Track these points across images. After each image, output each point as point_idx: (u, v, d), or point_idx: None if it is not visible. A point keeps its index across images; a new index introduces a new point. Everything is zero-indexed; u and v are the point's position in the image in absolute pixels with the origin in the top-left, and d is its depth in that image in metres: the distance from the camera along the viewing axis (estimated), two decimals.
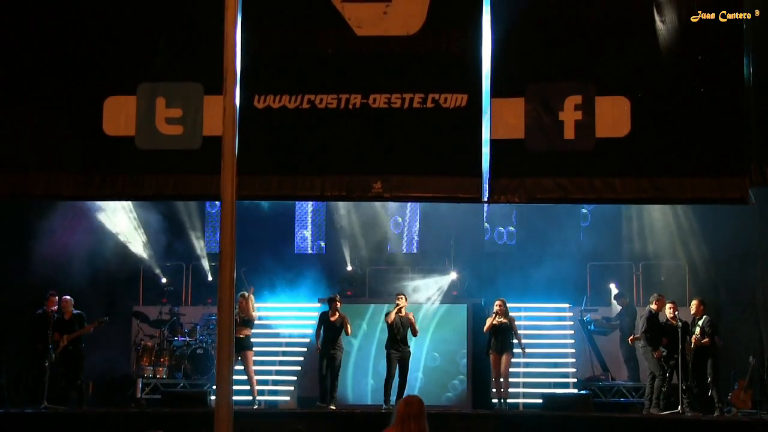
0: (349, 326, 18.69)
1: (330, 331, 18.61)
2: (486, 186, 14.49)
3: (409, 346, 18.61)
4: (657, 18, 14.42)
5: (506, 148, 14.52)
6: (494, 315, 18.78)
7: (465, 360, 20.60)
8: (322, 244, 23.95)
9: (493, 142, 14.53)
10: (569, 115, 14.35)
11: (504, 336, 18.71)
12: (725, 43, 14.52)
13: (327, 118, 14.52)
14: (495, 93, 14.60)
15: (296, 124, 14.59)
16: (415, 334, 18.86)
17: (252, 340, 19.61)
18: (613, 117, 14.29)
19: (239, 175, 9.55)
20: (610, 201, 16.72)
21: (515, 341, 18.94)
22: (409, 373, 18.72)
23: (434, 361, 20.68)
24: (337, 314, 18.63)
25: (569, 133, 14.34)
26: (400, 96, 14.45)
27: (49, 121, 14.83)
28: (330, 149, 14.68)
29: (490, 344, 18.92)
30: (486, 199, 14.58)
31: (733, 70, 14.47)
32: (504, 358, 18.70)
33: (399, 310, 18.51)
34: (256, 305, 20.10)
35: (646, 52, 14.50)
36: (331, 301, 18.89)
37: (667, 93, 14.40)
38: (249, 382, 18.70)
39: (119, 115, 14.72)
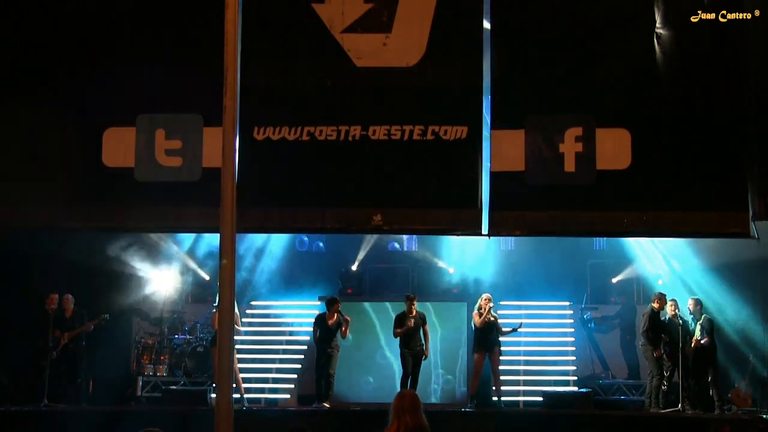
0: (347, 330, 18.54)
1: (326, 331, 18.55)
2: (486, 219, 14.47)
3: (422, 344, 18.56)
4: (657, 49, 14.35)
5: (506, 180, 14.51)
6: (482, 310, 18.64)
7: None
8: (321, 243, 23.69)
9: (493, 175, 14.54)
10: (569, 147, 14.34)
11: (490, 333, 18.65)
12: (727, 64, 14.53)
13: (327, 149, 14.50)
14: (495, 125, 14.61)
15: (296, 156, 14.56)
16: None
17: (251, 337, 19.46)
18: (614, 149, 14.29)
19: (239, 208, 9.51)
20: (611, 234, 16.82)
21: (501, 338, 18.87)
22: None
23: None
24: (336, 316, 18.50)
25: (569, 166, 14.33)
26: (400, 128, 14.42)
27: (49, 152, 14.85)
28: (330, 181, 14.68)
29: (476, 342, 18.84)
30: (486, 233, 14.54)
31: (735, 94, 14.45)
32: (493, 356, 18.66)
33: (411, 312, 18.46)
34: (255, 303, 19.98)
35: (647, 83, 14.49)
36: (330, 303, 18.75)
37: (667, 125, 14.37)
38: (235, 380, 18.46)
39: (119, 147, 14.70)
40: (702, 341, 18.15)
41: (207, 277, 22.37)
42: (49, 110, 14.84)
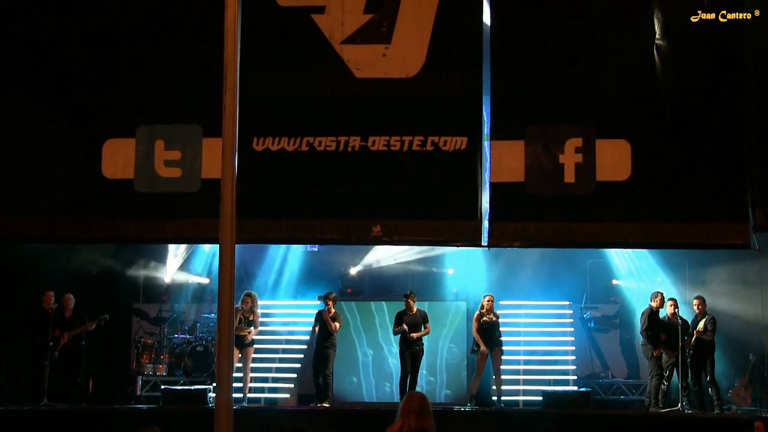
0: (333, 324, 18.44)
1: (324, 328, 18.59)
2: (486, 229, 14.46)
3: (421, 344, 18.59)
4: (657, 60, 14.31)
5: (506, 191, 14.49)
6: (481, 312, 18.67)
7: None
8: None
9: (493, 185, 14.53)
10: (569, 157, 14.32)
11: (492, 333, 18.66)
12: (727, 67, 14.50)
13: (326, 160, 14.48)
14: (495, 135, 14.58)
15: (295, 166, 14.54)
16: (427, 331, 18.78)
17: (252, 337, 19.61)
18: (614, 160, 14.25)
19: (238, 219, 9.49)
20: (611, 245, 16.75)
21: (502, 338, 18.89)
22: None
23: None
24: (333, 311, 18.61)
25: (569, 177, 14.31)
26: (399, 138, 14.41)
27: (48, 164, 14.82)
28: (329, 192, 14.63)
29: (476, 342, 18.82)
30: (486, 244, 14.53)
31: (735, 104, 14.42)
32: (494, 355, 18.66)
33: (411, 310, 18.49)
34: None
35: (647, 94, 14.45)
36: (326, 298, 18.83)
37: (667, 137, 14.34)
38: (244, 379, 18.52)
39: (118, 158, 14.68)
40: (704, 334, 18.09)
41: (207, 280, 22.36)
42: (49, 121, 14.83)
